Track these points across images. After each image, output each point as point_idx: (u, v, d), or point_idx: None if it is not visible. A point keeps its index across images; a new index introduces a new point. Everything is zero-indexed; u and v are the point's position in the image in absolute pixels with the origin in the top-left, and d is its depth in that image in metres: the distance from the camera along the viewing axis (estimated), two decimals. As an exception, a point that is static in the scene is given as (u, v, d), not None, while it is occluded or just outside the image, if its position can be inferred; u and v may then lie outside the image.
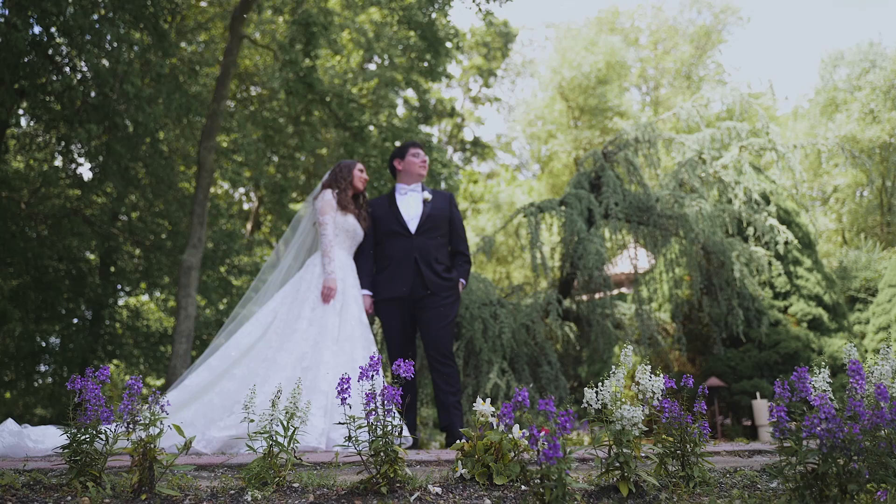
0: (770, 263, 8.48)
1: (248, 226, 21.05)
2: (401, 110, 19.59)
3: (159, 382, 19.43)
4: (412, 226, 4.79)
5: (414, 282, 4.70)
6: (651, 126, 8.17)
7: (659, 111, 27.39)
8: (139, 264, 16.04)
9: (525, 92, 31.30)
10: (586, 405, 2.30)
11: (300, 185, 18.80)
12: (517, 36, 28.86)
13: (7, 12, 10.30)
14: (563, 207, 7.72)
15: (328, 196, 4.80)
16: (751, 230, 8.69)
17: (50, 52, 10.75)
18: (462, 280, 4.96)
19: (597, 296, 8.53)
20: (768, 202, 9.16)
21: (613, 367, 2.46)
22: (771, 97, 20.52)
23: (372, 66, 20.21)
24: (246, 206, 22.29)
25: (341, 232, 4.77)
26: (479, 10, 14.08)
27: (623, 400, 2.28)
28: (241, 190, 20.91)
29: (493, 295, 7.68)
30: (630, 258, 8.86)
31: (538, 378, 7.73)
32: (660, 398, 2.37)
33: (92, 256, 16.73)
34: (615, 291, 8.95)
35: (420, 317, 4.74)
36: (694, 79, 28.41)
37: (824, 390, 2.17)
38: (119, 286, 16.72)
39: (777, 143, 8.42)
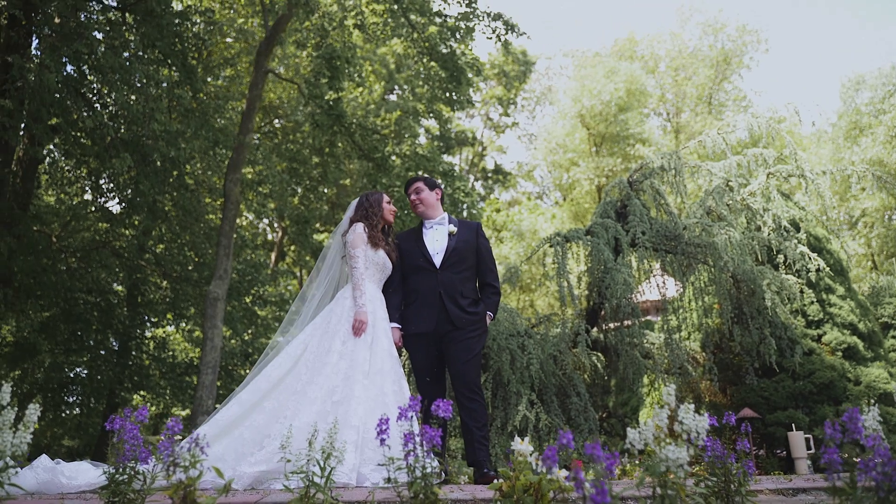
0: (802, 291, 8.32)
1: (273, 256, 21.23)
2: (422, 139, 19.76)
3: (185, 413, 19.50)
4: (437, 260, 4.75)
5: (439, 317, 4.65)
6: (676, 154, 8.14)
7: (680, 137, 27.31)
8: (166, 295, 16.20)
9: (545, 119, 31.38)
10: (629, 445, 2.25)
11: (323, 216, 18.95)
12: (535, 64, 29.12)
13: (40, 54, 10.60)
14: (589, 237, 7.68)
15: (359, 230, 4.81)
16: (781, 257, 8.56)
17: (82, 90, 11.01)
18: (490, 313, 4.90)
19: (624, 323, 8.43)
20: (798, 229, 9.03)
21: (646, 399, 2.41)
22: (796, 121, 20.37)
23: (393, 97, 20.45)
24: (270, 237, 22.51)
25: (371, 265, 4.78)
26: (499, 39, 14.21)
27: (666, 440, 2.22)
28: (266, 221, 21.12)
29: (519, 325, 7.62)
30: (658, 286, 8.77)
31: (567, 409, 7.62)
32: (703, 438, 2.32)
33: (119, 288, 16.94)
34: (643, 318, 8.84)
35: (446, 351, 4.69)
36: (715, 104, 28.35)
37: (875, 430, 2.11)
38: (146, 317, 16.88)
39: (805, 169, 8.33)
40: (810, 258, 8.35)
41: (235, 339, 16.80)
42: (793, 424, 8.47)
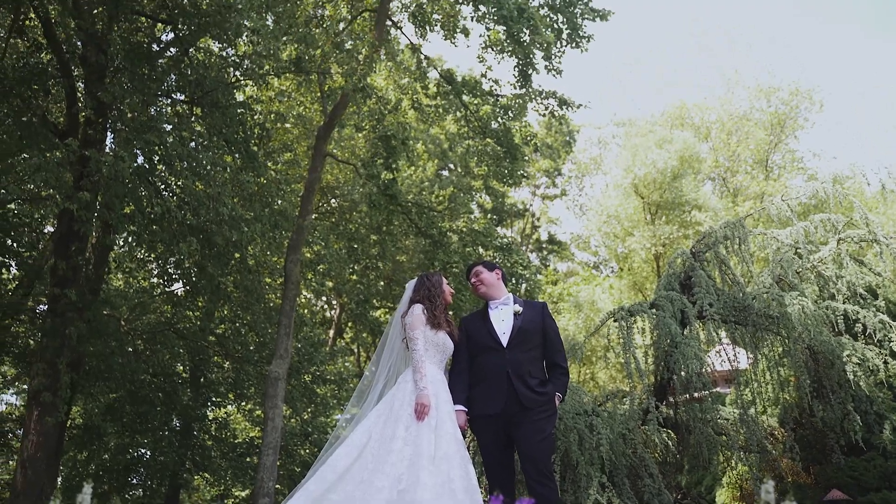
0: (886, 363, 7.86)
1: (331, 333, 21.39)
2: (475, 212, 19.93)
3: (244, 493, 19.40)
4: (504, 340, 4.71)
5: (508, 398, 4.57)
6: (740, 223, 7.96)
7: (737, 201, 26.87)
8: (228, 376, 16.40)
9: (595, 189, 31.41)
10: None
11: (380, 292, 19.10)
12: (578, 133, 29.37)
13: (115, 147, 11.22)
14: (654, 310, 7.48)
15: (417, 311, 4.80)
16: (859, 327, 8.14)
17: (152, 179, 11.54)
18: (559, 394, 4.79)
19: (695, 395, 8.09)
20: (875, 296, 8.61)
21: (723, 479, 2.24)
22: (860, 181, 19.82)
23: (445, 172, 20.82)
24: (328, 314, 22.75)
25: (431, 347, 4.75)
26: (553, 115, 14.41)
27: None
28: (323, 298, 21.40)
29: (586, 403, 7.39)
30: (727, 358, 8.44)
31: (640, 492, 7.27)
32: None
33: (181, 368, 17.24)
34: (713, 389, 8.48)
35: (515, 433, 4.59)
36: (771, 166, 27.94)
37: None
38: (208, 398, 17.07)
39: (878, 233, 8.02)
40: (892, 326, 7.92)
41: (295, 419, 16.79)
42: (888, 507, 7.87)
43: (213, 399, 17.23)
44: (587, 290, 24.46)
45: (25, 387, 15.22)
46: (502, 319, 4.80)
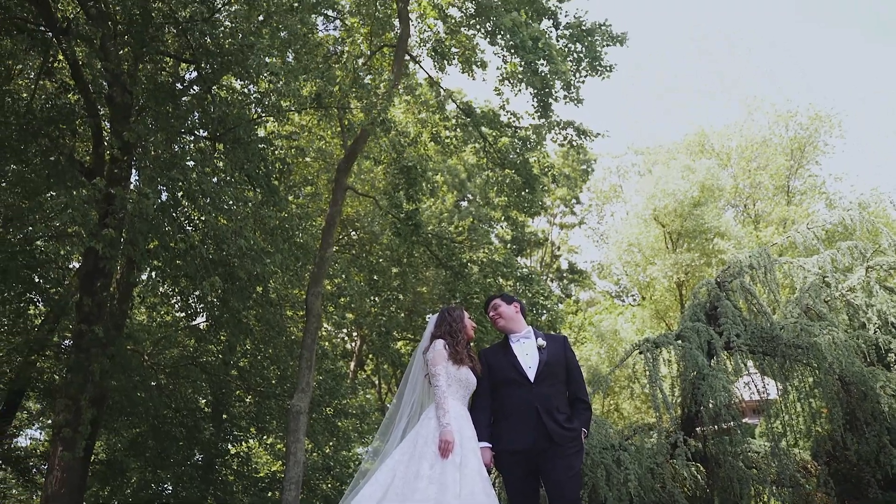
0: (921, 393, 7.66)
1: (352, 365, 21.33)
2: (495, 242, 19.91)
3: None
4: (531, 374, 4.66)
5: (537, 434, 4.52)
6: (765, 252, 7.86)
7: (759, 227, 26.62)
8: (249, 410, 16.37)
9: (615, 218, 31.31)
10: None
11: (401, 324, 19.06)
12: (595, 162, 29.38)
13: (140, 183, 11.39)
14: (679, 341, 7.37)
15: (439, 346, 4.77)
16: (892, 356, 7.95)
17: (175, 214, 11.68)
18: (584, 429, 4.72)
19: (723, 426, 7.92)
20: (907, 324, 8.42)
21: None
22: (885, 207, 19.54)
23: (464, 203, 20.88)
24: (348, 346, 22.72)
25: (454, 382, 4.70)
26: (571, 145, 14.45)
27: None
28: (344, 330, 21.40)
29: (612, 437, 7.26)
30: (755, 388, 8.27)
31: (669, 529, 7.09)
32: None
33: (203, 402, 17.24)
34: (742, 420, 8.29)
35: (543, 469, 4.53)
36: (792, 192, 27.70)
37: None
38: (230, 432, 17.04)
39: (908, 260, 7.86)
40: (926, 356, 7.73)
41: (317, 452, 16.68)
42: (929, 544, 7.59)
43: (235, 433, 17.20)
44: (609, 320, 24.22)
45: (50, 422, 15.32)
46: (526, 353, 4.75)
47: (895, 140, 55.20)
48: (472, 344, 5.15)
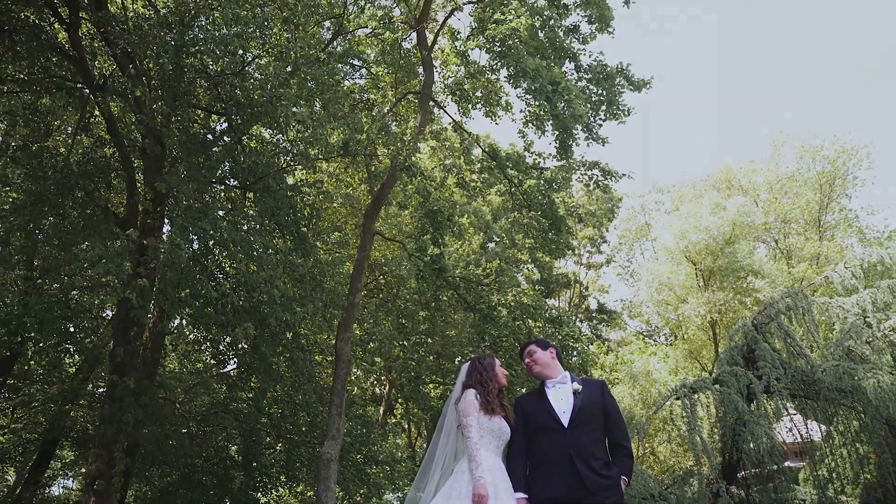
0: (975, 437, 7.34)
1: (381, 410, 21.17)
2: (522, 284, 19.79)
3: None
4: (564, 419, 4.56)
5: (572, 481, 4.39)
6: (802, 292, 7.68)
7: (791, 263, 26.17)
8: (280, 458, 16.27)
9: (644, 256, 31.05)
10: None
11: (430, 367, 18.93)
12: (621, 201, 29.25)
13: (171, 233, 11.58)
14: (717, 386, 7.19)
15: (470, 397, 4.70)
16: (941, 399, 7.65)
17: (207, 263, 11.81)
18: (624, 477, 4.58)
19: (766, 469, 7.65)
20: (955, 365, 8.12)
21: None
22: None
23: (491, 245, 20.86)
24: (377, 391, 22.59)
25: (487, 433, 4.62)
26: (597, 185, 14.43)
27: None
28: (373, 375, 21.30)
29: (652, 487, 7.04)
30: (799, 432, 8.00)
31: (714, 583, 6.81)
32: None
33: (233, 449, 17.18)
34: (784, 464, 8.00)
35: (581, 519, 4.36)
36: (824, 226, 27.26)
37: None
38: (261, 480, 16.91)
39: (952, 298, 7.62)
40: (976, 398, 7.41)
41: (347, 500, 16.45)
42: None
43: (265, 482, 17.06)
44: (642, 360, 23.80)
45: (83, 471, 15.36)
46: (561, 398, 4.66)
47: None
48: (504, 391, 5.06)
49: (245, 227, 12.13)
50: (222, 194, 12.94)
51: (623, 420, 4.79)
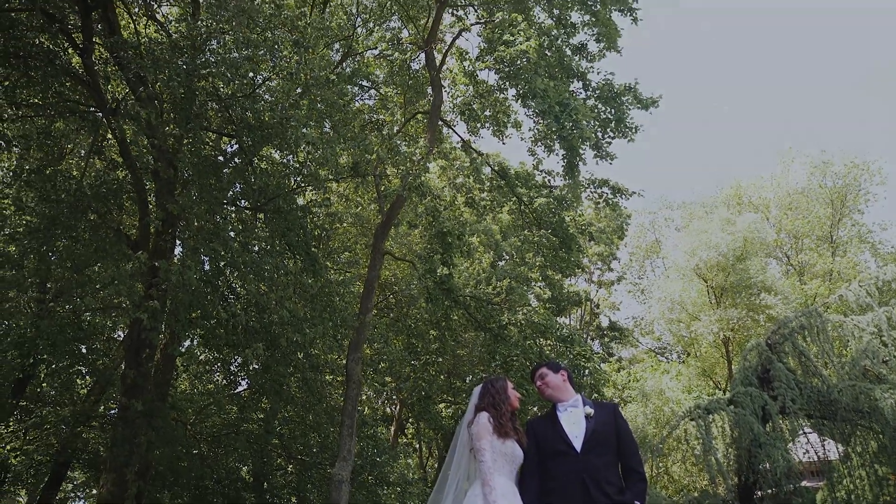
0: None
1: (392, 430, 21.06)
2: (533, 302, 19.72)
3: None
4: (577, 444, 4.51)
5: None
6: (816, 311, 7.60)
7: (804, 279, 25.96)
8: (291, 479, 16.18)
9: (655, 273, 30.90)
10: None
11: (441, 386, 18.84)
12: (630, 217, 29.20)
13: (182, 254, 11.64)
14: (732, 407, 7.11)
15: (483, 420, 4.65)
16: (960, 418, 7.53)
17: (218, 284, 11.84)
18: (638, 502, 4.51)
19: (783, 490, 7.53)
20: (974, 383, 8.00)
21: None
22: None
23: (501, 263, 20.82)
24: (388, 410, 22.49)
25: (500, 457, 4.56)
26: (607, 203, 14.41)
27: None
28: (384, 395, 21.22)
29: (666, 510, 6.95)
30: (815, 451, 7.89)
31: None
32: None
33: (244, 470, 17.09)
34: (800, 484, 7.88)
35: (593, 544, 4.30)
36: (836, 242, 27.06)
37: None
38: (272, 502, 16.80)
39: (969, 316, 7.53)
40: None
41: (358, 523, 16.32)
42: None
43: (276, 503, 16.96)
44: (654, 378, 23.58)
45: (95, 492, 15.33)
46: (573, 423, 4.61)
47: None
48: (517, 413, 5.01)
49: (256, 248, 12.16)
50: (233, 215, 13.00)
51: (636, 444, 4.73)
